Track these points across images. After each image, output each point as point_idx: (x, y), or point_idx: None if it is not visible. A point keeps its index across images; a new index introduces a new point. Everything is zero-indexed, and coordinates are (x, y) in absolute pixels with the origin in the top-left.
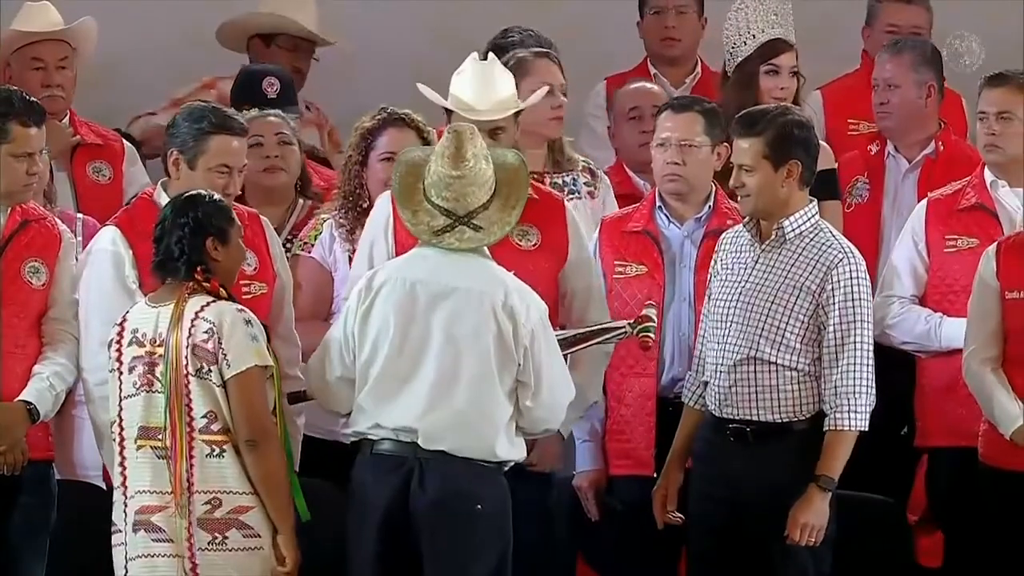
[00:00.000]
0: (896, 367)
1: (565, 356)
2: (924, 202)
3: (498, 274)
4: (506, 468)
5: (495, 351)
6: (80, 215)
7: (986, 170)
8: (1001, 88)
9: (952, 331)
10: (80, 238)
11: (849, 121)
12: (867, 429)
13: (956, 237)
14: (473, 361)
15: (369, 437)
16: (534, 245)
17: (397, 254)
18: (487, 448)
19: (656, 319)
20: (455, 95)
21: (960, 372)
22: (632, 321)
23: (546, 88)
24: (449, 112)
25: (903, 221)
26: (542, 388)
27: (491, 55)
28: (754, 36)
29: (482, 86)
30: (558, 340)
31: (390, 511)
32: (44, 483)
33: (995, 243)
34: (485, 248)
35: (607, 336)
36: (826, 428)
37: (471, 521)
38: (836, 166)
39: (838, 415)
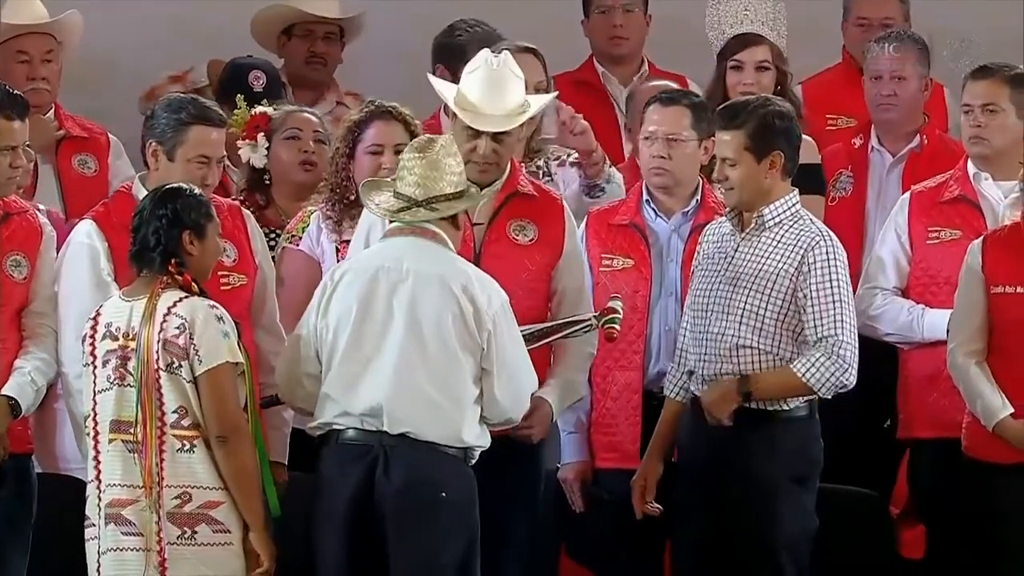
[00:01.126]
0: (880, 360)
1: (531, 349)
2: (907, 194)
3: (459, 263)
4: (472, 460)
5: (457, 333)
6: (40, 205)
7: (969, 163)
8: (986, 80)
9: (934, 322)
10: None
11: (828, 117)
12: (820, 395)
13: (939, 229)
14: (436, 342)
15: (335, 427)
16: (531, 240)
17: None
18: (453, 430)
19: (621, 311)
20: (463, 94)
21: (943, 364)
22: (597, 314)
23: (555, 94)
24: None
25: (887, 214)
26: (504, 376)
27: (506, 54)
28: (724, 32)
29: (491, 90)
30: (524, 334)
31: (356, 500)
32: (24, 476)
33: (981, 237)
34: (449, 242)
35: (573, 329)
36: (794, 367)
37: (436, 509)
38: (820, 160)
39: (812, 368)
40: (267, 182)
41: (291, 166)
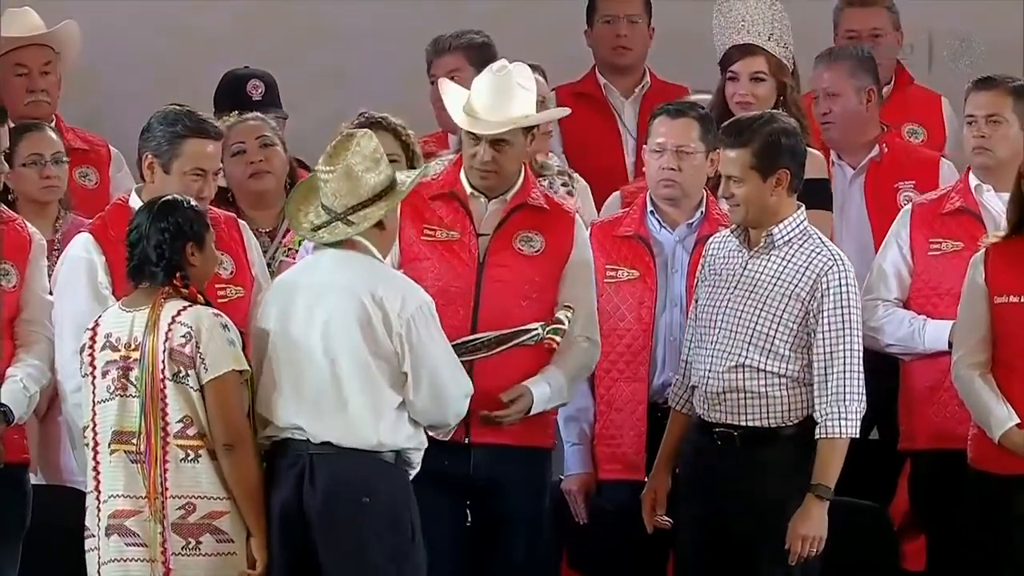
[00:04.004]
0: (879, 373)
1: (483, 359)
2: (908, 206)
3: (377, 270)
4: (410, 463)
5: (365, 340)
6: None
7: (970, 174)
8: (990, 91)
9: (936, 334)
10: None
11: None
12: (858, 436)
13: (940, 240)
14: (347, 352)
15: (273, 438)
16: (537, 251)
17: (401, 257)
18: (370, 436)
19: (568, 322)
20: (470, 101)
21: (944, 375)
22: (544, 323)
23: (566, 110)
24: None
25: (852, 227)
26: (422, 380)
27: (506, 64)
28: (724, 42)
29: (492, 97)
30: (477, 342)
31: (286, 511)
32: (18, 486)
33: (983, 249)
34: (373, 249)
35: (522, 338)
36: (818, 436)
37: (358, 514)
38: (827, 175)
39: (830, 423)
40: (231, 198)
41: (242, 180)
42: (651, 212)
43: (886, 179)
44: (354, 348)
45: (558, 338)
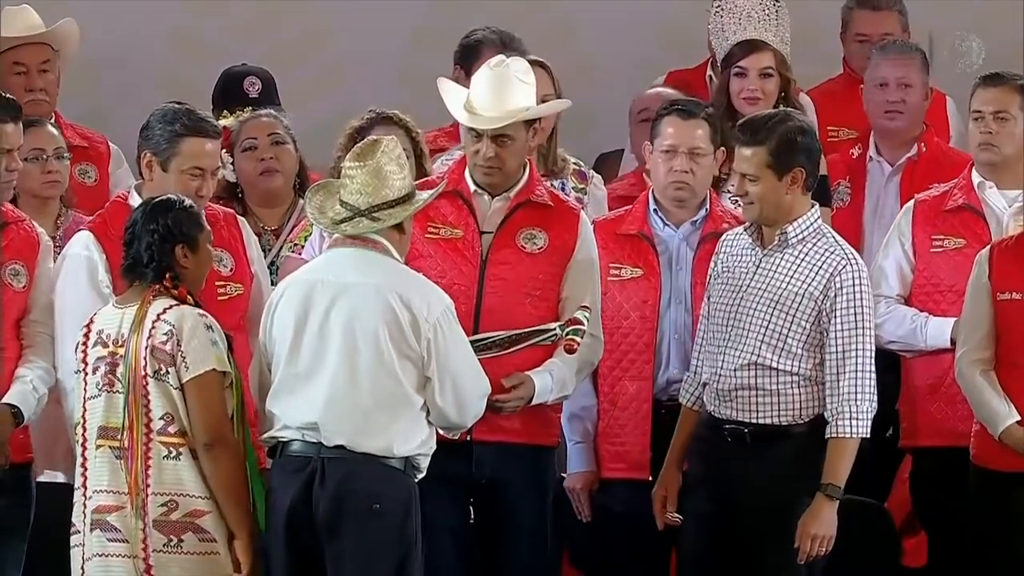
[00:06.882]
0: (882, 371)
1: (495, 357)
2: (911, 203)
3: (399, 270)
4: (418, 469)
5: (392, 343)
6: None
7: (973, 171)
8: (998, 88)
9: (937, 331)
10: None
11: (829, 128)
12: (868, 435)
13: (943, 237)
14: (372, 354)
15: (281, 439)
16: (540, 248)
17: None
18: (388, 442)
19: (586, 323)
20: (470, 98)
21: (945, 372)
22: (562, 323)
23: (567, 103)
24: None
25: (885, 224)
26: (446, 384)
27: (503, 58)
28: (727, 39)
29: (492, 92)
30: (487, 342)
31: (294, 513)
32: (22, 486)
33: (988, 247)
34: (392, 249)
35: (539, 338)
36: (829, 435)
37: (367, 520)
38: (827, 171)
39: (840, 422)
40: (240, 194)
41: (253, 177)
42: (654, 210)
43: (922, 180)
44: (379, 349)
45: (579, 339)
